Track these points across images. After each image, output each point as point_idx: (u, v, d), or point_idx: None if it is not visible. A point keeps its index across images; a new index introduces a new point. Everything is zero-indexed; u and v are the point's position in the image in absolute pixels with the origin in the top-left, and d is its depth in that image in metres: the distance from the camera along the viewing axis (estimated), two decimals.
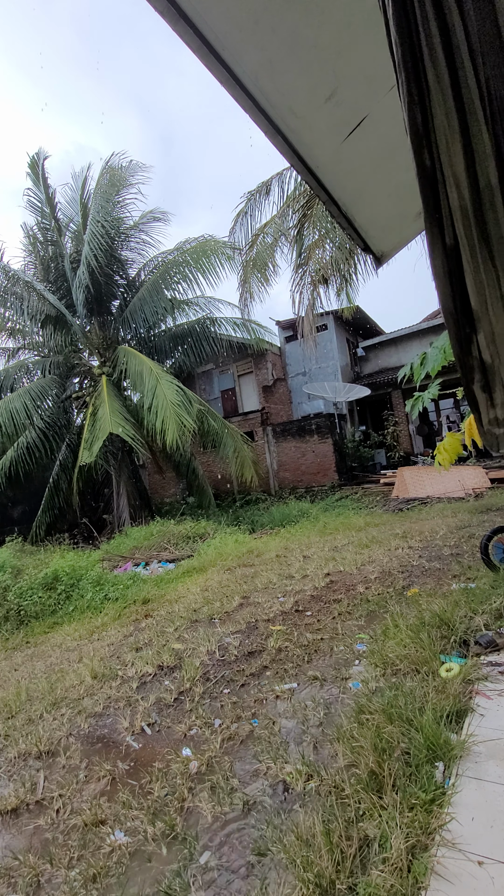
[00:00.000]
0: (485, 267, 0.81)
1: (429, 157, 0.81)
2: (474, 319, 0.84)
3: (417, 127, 0.81)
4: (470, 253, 0.81)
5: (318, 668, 3.26)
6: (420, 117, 0.80)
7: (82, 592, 7.06)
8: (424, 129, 0.80)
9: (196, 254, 13.14)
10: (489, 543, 4.29)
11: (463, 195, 0.79)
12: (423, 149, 0.81)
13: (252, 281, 9.38)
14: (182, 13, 1.29)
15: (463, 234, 0.81)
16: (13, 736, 3.12)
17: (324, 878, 1.56)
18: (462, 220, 0.80)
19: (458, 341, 0.88)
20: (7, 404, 11.65)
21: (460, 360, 0.89)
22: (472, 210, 0.80)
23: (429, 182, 0.82)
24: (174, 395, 10.67)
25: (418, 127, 0.81)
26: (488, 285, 0.81)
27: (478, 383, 0.89)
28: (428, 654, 2.79)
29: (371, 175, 2.22)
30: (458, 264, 0.83)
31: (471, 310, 0.84)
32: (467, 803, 1.69)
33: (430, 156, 0.81)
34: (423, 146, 0.81)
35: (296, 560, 6.67)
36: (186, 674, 3.50)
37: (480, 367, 0.87)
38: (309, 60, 1.55)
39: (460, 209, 0.80)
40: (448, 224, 0.82)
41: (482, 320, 0.84)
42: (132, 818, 2.15)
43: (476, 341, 0.86)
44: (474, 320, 0.84)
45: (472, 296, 0.83)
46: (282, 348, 18.43)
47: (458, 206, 0.80)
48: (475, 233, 0.80)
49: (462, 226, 0.81)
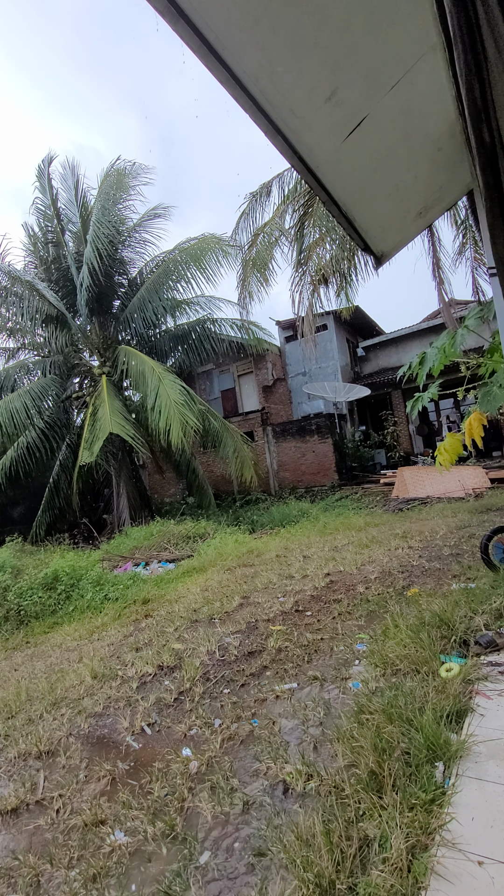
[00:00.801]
0: None
1: (488, 131, 0.77)
2: None
3: (475, 100, 0.78)
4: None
5: (318, 668, 3.26)
6: (478, 90, 0.76)
7: (82, 592, 7.06)
8: (483, 103, 0.77)
9: (196, 252, 13.13)
10: (489, 543, 4.29)
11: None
12: (481, 124, 0.78)
13: (252, 280, 9.38)
14: (182, 13, 1.29)
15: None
16: (13, 736, 3.12)
17: (324, 878, 1.56)
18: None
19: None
20: (7, 404, 11.65)
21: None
22: None
23: (488, 158, 0.78)
24: (177, 395, 10.67)
25: (476, 100, 0.77)
26: None
27: None
28: (428, 654, 2.79)
29: (371, 175, 2.22)
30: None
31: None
32: (467, 803, 1.69)
33: (489, 130, 0.77)
34: (482, 121, 0.77)
35: (296, 560, 6.66)
36: (186, 674, 3.50)
37: None
38: (309, 60, 1.55)
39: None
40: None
41: None
42: (132, 818, 2.15)
43: None
44: None
45: None
46: (282, 348, 18.42)
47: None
48: None
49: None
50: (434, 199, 2.53)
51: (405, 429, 16.82)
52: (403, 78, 1.70)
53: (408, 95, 1.79)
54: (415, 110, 1.90)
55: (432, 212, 2.67)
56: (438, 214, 2.85)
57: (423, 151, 2.16)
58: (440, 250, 8.34)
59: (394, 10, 1.38)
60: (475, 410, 3.92)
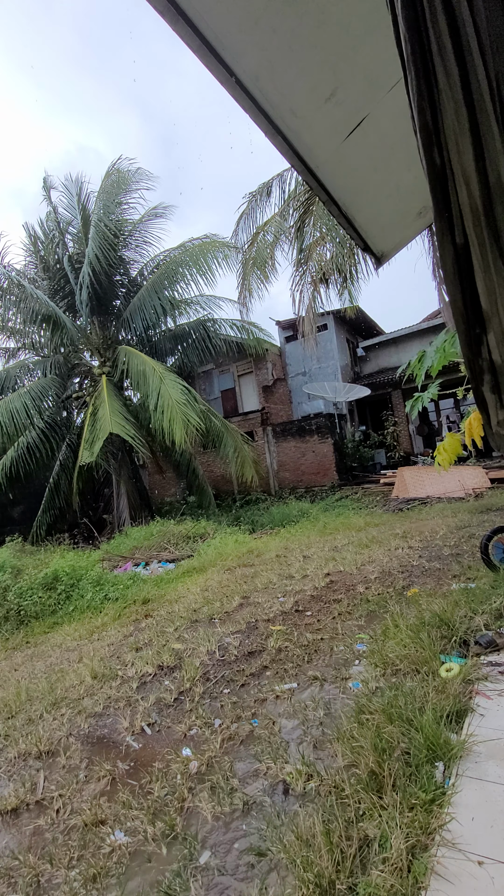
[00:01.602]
0: (495, 266, 0.80)
1: (438, 155, 0.79)
2: (484, 320, 0.83)
3: (427, 124, 0.80)
4: (480, 252, 0.80)
5: (318, 668, 3.26)
6: (430, 114, 0.79)
7: (82, 592, 7.06)
8: (434, 127, 0.79)
9: (197, 253, 13.13)
10: (489, 543, 4.29)
11: (473, 193, 0.78)
12: (432, 146, 0.80)
13: (252, 279, 9.39)
14: (182, 13, 1.29)
15: (473, 234, 0.80)
16: (13, 736, 3.12)
17: (324, 878, 1.56)
18: (472, 219, 0.79)
19: (468, 342, 0.86)
20: (7, 404, 11.65)
21: (469, 361, 0.88)
22: (483, 208, 0.78)
23: (438, 180, 0.80)
24: (179, 395, 10.66)
25: (428, 124, 0.80)
26: (499, 285, 0.80)
27: (487, 384, 0.88)
28: (428, 654, 2.79)
29: (371, 175, 2.22)
30: (469, 264, 0.82)
31: (481, 310, 0.83)
32: (467, 803, 1.69)
33: (440, 154, 0.79)
34: (433, 144, 0.80)
35: (296, 560, 6.66)
36: (186, 674, 3.50)
37: (490, 368, 0.86)
38: (309, 60, 1.54)
39: (470, 208, 0.79)
40: (458, 223, 0.81)
41: (492, 321, 0.82)
42: (132, 818, 2.15)
43: (486, 342, 0.85)
44: (484, 321, 0.83)
45: (482, 296, 0.82)
46: (282, 348, 18.42)
47: (468, 205, 0.79)
48: (485, 232, 0.79)
49: (472, 225, 0.79)
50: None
51: (405, 429, 16.82)
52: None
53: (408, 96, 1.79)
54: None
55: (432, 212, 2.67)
56: None
57: None
58: None
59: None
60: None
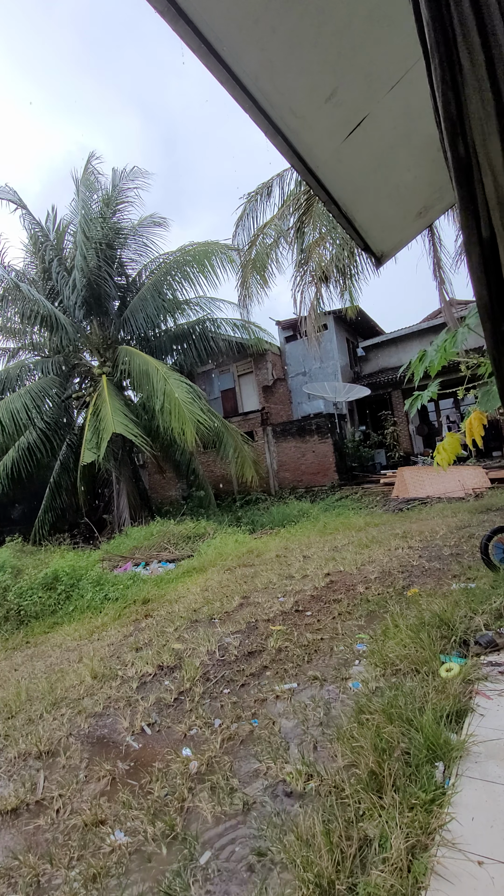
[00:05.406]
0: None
1: (463, 145, 0.77)
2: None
3: (451, 113, 0.77)
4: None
5: (318, 668, 3.26)
6: (454, 103, 0.77)
7: (82, 592, 7.06)
8: (458, 116, 0.77)
9: (198, 255, 13.15)
10: (489, 543, 4.29)
11: (500, 185, 0.76)
12: (457, 137, 0.77)
13: (251, 281, 9.38)
14: (182, 13, 1.29)
15: (500, 227, 0.77)
16: (13, 736, 3.12)
17: (324, 878, 1.56)
18: (499, 212, 0.77)
19: (494, 338, 0.84)
20: (8, 404, 11.65)
21: (495, 359, 0.85)
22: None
23: (463, 172, 0.78)
24: (185, 394, 10.65)
25: (452, 114, 0.77)
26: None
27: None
28: (428, 654, 2.79)
29: (371, 175, 2.22)
30: (495, 257, 0.79)
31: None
32: (467, 803, 1.68)
33: (465, 144, 0.77)
34: (457, 134, 0.77)
35: (296, 560, 6.66)
36: (186, 674, 3.50)
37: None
38: (309, 60, 1.54)
39: (497, 200, 0.77)
40: (484, 215, 0.79)
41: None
42: (132, 818, 2.15)
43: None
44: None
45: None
46: (282, 348, 18.42)
47: (494, 197, 0.77)
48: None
49: (499, 217, 0.77)
50: (434, 198, 2.53)
51: (405, 429, 16.81)
52: (403, 78, 1.70)
53: (408, 96, 1.78)
54: (415, 111, 1.89)
55: (432, 212, 2.66)
56: (439, 214, 2.84)
57: (424, 152, 2.16)
58: (441, 250, 8.36)
59: (394, 9, 1.38)
60: (475, 410, 3.92)
